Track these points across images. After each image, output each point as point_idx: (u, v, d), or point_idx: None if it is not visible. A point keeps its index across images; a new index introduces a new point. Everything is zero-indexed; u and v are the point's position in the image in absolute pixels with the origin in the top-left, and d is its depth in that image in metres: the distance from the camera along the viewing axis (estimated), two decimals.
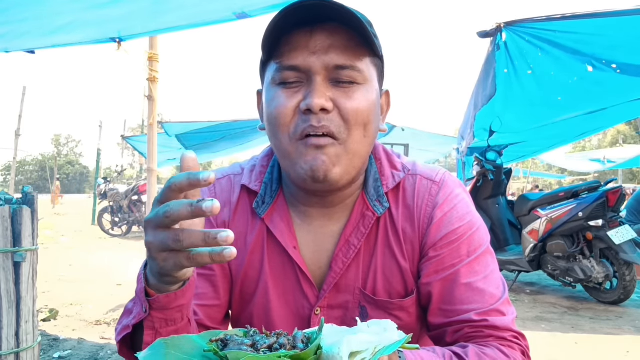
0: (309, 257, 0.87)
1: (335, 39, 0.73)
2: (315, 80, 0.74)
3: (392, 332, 0.59)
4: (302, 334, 0.57)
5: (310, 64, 0.73)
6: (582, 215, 4.32)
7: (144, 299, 0.66)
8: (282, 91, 0.76)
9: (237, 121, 7.71)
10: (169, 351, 0.56)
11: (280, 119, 0.76)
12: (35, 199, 2.21)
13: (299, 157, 0.76)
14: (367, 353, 0.54)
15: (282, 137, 0.77)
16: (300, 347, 0.54)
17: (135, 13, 2.78)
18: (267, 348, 0.54)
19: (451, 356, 0.72)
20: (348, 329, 0.61)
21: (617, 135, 32.39)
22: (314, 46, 0.73)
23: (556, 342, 3.44)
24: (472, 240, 0.83)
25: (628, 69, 3.74)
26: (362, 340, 0.55)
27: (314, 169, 0.75)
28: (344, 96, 0.75)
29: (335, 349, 0.53)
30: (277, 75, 0.76)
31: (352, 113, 0.75)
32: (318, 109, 0.72)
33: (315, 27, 0.73)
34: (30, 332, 2.13)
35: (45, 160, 53.02)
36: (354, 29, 0.73)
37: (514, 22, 3.57)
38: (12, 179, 13.58)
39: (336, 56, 0.73)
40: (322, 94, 0.73)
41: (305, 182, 0.78)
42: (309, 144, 0.74)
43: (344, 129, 0.75)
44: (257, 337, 0.56)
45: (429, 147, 10.41)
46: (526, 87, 4.32)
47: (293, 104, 0.75)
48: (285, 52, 0.74)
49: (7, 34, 2.93)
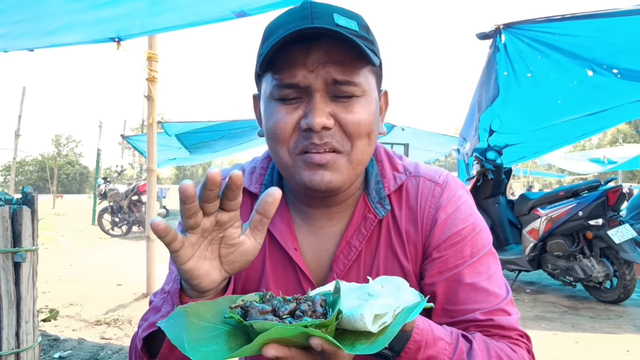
0: (310, 258, 0.87)
1: (332, 55, 0.73)
2: (315, 97, 0.74)
3: (406, 291, 0.59)
4: (319, 298, 0.57)
5: (310, 82, 0.73)
6: (582, 214, 4.32)
7: (177, 299, 0.67)
8: (281, 107, 0.76)
9: (237, 121, 7.71)
10: (190, 319, 0.57)
11: (280, 135, 0.76)
12: (35, 199, 2.21)
13: (298, 170, 0.77)
14: (387, 317, 0.54)
15: (281, 151, 0.77)
16: (319, 311, 0.54)
17: (134, 13, 2.78)
18: (289, 314, 0.54)
19: (458, 334, 0.73)
20: (361, 286, 0.61)
21: (617, 134, 32.39)
22: (312, 63, 0.73)
23: (556, 341, 3.44)
24: (475, 241, 0.83)
25: (629, 74, 3.73)
26: (383, 304, 0.55)
27: (314, 183, 0.76)
28: (344, 111, 0.75)
29: (357, 314, 0.53)
30: (276, 91, 0.76)
31: (353, 127, 0.75)
32: (319, 127, 0.73)
33: (311, 44, 0.73)
34: (31, 332, 2.13)
35: (45, 160, 53.01)
36: (349, 43, 0.73)
37: (513, 24, 3.57)
38: (12, 179, 13.58)
39: (334, 71, 0.73)
40: (322, 112, 0.73)
41: (304, 190, 0.79)
42: (308, 161, 0.75)
43: (346, 142, 0.76)
44: (274, 301, 0.56)
45: (429, 147, 10.42)
46: (526, 89, 4.32)
47: (293, 120, 0.75)
48: (284, 69, 0.74)
49: (7, 34, 2.93)
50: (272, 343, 0.51)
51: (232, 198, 0.60)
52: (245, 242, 0.65)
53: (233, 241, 0.64)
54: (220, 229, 0.63)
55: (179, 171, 64.35)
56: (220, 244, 0.64)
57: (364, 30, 0.77)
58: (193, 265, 0.62)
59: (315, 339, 0.50)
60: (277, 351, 0.51)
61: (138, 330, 0.76)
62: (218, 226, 0.63)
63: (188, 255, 0.62)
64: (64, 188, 54.99)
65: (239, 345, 0.52)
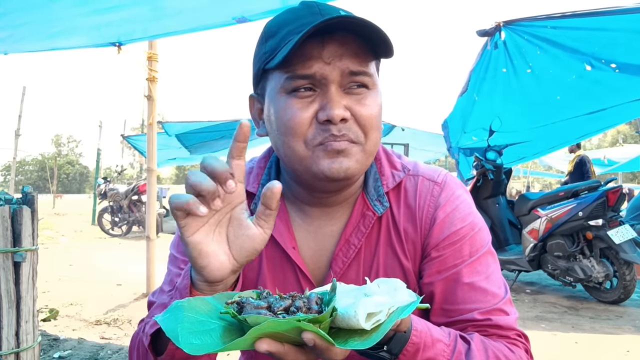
0: (309, 257, 0.87)
1: (347, 48, 0.75)
2: (331, 89, 0.75)
3: (402, 292, 0.59)
4: (315, 295, 0.57)
5: (326, 73, 0.74)
6: (582, 214, 4.32)
7: (186, 294, 0.67)
8: (295, 100, 0.76)
9: (237, 121, 7.64)
10: (186, 313, 0.57)
11: (297, 129, 0.76)
12: (35, 199, 2.21)
13: (316, 160, 0.76)
14: (381, 315, 0.54)
15: (297, 144, 0.77)
16: (315, 309, 0.55)
17: (136, 18, 2.79)
18: (283, 310, 0.54)
19: (456, 335, 0.73)
20: (358, 288, 0.61)
21: (617, 135, 32.41)
22: (327, 56, 0.74)
23: (556, 342, 3.44)
24: (474, 240, 0.83)
25: (628, 69, 3.74)
26: (377, 302, 0.55)
27: (333, 171, 0.76)
28: (357, 104, 0.77)
29: (351, 311, 0.54)
30: (288, 83, 0.76)
31: (367, 119, 0.77)
32: (338, 119, 0.74)
33: (325, 38, 0.74)
34: (31, 332, 2.13)
35: (45, 160, 53.03)
36: (361, 36, 0.74)
37: (513, 21, 3.59)
38: (12, 179, 13.60)
39: (350, 63, 0.75)
40: (340, 104, 0.74)
41: (320, 180, 0.78)
42: (329, 148, 0.75)
43: (361, 134, 0.77)
44: (270, 298, 0.57)
45: (429, 147, 10.43)
46: (525, 85, 4.34)
47: (309, 114, 0.76)
48: (299, 62, 0.74)
49: (8, 37, 2.93)
50: (265, 338, 0.51)
51: (237, 154, 0.63)
52: (251, 227, 0.65)
53: (240, 222, 0.64)
54: (228, 206, 0.64)
55: (179, 171, 64.35)
56: (228, 227, 0.65)
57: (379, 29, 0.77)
58: (200, 239, 0.62)
59: (307, 334, 0.51)
60: (270, 346, 0.51)
61: (145, 327, 0.75)
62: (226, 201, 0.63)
63: (196, 226, 0.62)
64: (64, 188, 55.02)
65: (233, 340, 0.52)
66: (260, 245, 0.65)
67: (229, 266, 0.64)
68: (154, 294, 0.87)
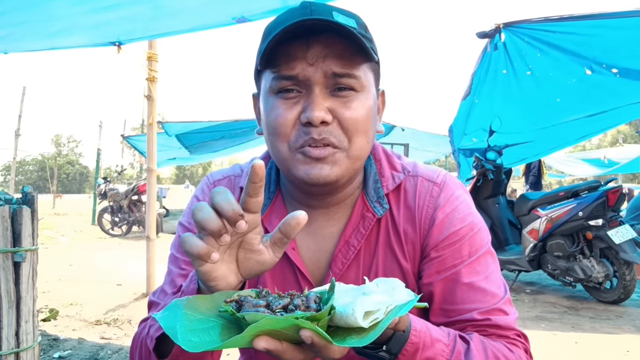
0: (308, 257, 0.87)
1: (331, 50, 0.74)
2: (314, 91, 0.74)
3: (401, 291, 0.59)
4: (314, 294, 0.57)
5: (309, 75, 0.74)
6: (582, 214, 4.32)
7: None
8: (281, 101, 0.76)
9: (237, 121, 7.72)
10: (186, 311, 0.57)
11: (280, 130, 0.76)
12: (35, 199, 2.21)
13: (295, 164, 0.77)
14: (379, 313, 0.55)
15: (281, 145, 0.77)
16: (313, 307, 0.55)
17: (135, 17, 2.78)
18: (282, 309, 0.54)
19: (455, 335, 0.73)
20: (357, 287, 0.61)
21: (617, 135, 32.40)
22: (311, 57, 0.74)
23: (556, 342, 3.44)
24: (473, 241, 0.83)
25: (629, 74, 3.74)
26: (375, 300, 0.55)
27: (311, 177, 0.76)
28: (342, 106, 0.75)
29: (349, 310, 0.54)
30: (275, 84, 0.76)
31: (351, 123, 0.76)
32: (318, 122, 0.73)
33: (310, 40, 0.74)
34: (30, 332, 2.13)
35: (45, 160, 53.01)
36: (348, 38, 0.73)
37: (513, 23, 3.59)
38: (12, 179, 13.60)
39: (333, 64, 0.74)
40: (321, 106, 0.74)
41: (303, 184, 0.79)
42: (307, 154, 0.75)
43: (344, 138, 0.76)
44: (269, 297, 0.57)
45: (429, 147, 10.43)
46: (525, 87, 4.34)
47: (293, 115, 0.76)
48: (283, 63, 0.74)
49: (7, 36, 2.93)
50: (264, 335, 0.51)
51: (254, 194, 0.59)
52: (263, 252, 0.64)
53: (252, 247, 0.63)
54: (241, 234, 0.62)
55: (179, 171, 64.35)
56: (239, 248, 0.64)
57: (362, 29, 0.77)
58: (210, 268, 0.61)
59: (305, 331, 0.50)
60: (268, 344, 0.51)
61: (149, 330, 0.74)
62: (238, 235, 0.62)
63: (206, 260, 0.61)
64: (64, 188, 55.00)
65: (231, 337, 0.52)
66: (269, 268, 0.65)
67: (235, 282, 0.64)
68: (155, 294, 0.87)
